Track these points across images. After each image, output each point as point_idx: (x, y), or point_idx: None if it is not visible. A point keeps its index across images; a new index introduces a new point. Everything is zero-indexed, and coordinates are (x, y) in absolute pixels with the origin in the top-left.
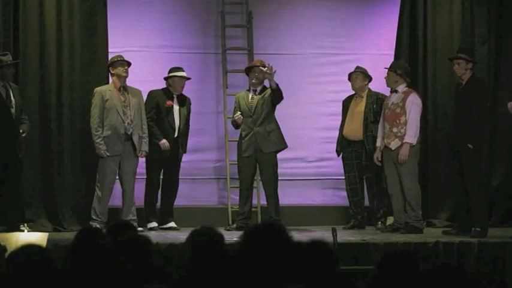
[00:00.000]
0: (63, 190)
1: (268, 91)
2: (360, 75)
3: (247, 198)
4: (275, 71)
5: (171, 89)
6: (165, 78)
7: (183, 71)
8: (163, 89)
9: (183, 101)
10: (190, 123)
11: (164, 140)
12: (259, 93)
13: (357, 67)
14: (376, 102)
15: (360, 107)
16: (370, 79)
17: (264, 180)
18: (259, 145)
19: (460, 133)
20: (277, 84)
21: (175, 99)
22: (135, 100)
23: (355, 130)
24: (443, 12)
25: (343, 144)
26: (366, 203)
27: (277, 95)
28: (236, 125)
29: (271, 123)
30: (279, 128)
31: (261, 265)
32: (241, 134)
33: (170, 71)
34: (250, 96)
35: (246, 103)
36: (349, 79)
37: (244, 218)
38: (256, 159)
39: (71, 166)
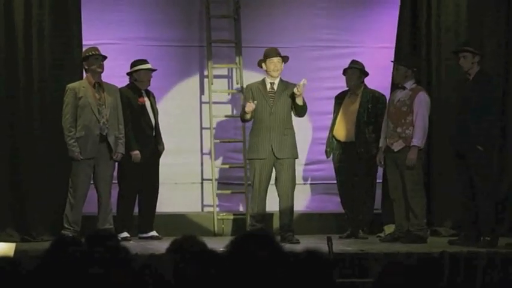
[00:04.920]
0: (32, 196)
1: (290, 90)
2: (356, 72)
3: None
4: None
5: (138, 84)
6: (129, 73)
7: (148, 62)
8: (128, 85)
9: (149, 96)
10: (171, 122)
11: (137, 152)
12: (278, 88)
13: (353, 62)
14: (372, 101)
15: (353, 106)
16: (366, 75)
17: (281, 185)
18: (273, 148)
19: (467, 133)
20: (304, 103)
21: (144, 95)
22: (111, 98)
23: (346, 131)
24: (448, 1)
25: (333, 145)
26: None
27: (302, 111)
28: (245, 118)
29: (290, 126)
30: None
31: (249, 278)
32: (254, 133)
33: (134, 64)
34: (268, 87)
35: (265, 96)
36: (344, 74)
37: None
38: (274, 161)
39: (41, 170)
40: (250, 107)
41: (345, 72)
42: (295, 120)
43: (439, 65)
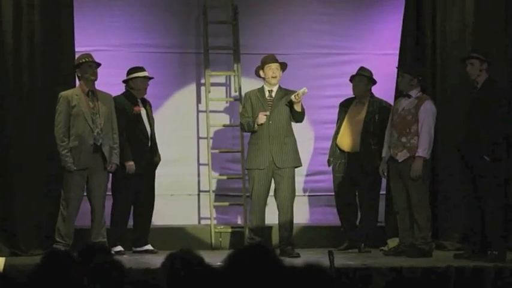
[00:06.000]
0: (22, 208)
1: (289, 97)
2: (363, 79)
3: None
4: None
5: (134, 93)
6: (125, 81)
7: (145, 70)
8: (124, 93)
9: (146, 104)
10: (167, 132)
11: (132, 163)
12: (276, 96)
13: (361, 69)
14: (379, 111)
15: (360, 115)
16: (374, 83)
17: (280, 196)
18: (274, 157)
19: (474, 143)
20: (303, 109)
21: (140, 104)
22: (105, 106)
23: (351, 140)
24: (453, 7)
25: (336, 154)
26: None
27: (300, 117)
28: (254, 130)
29: (290, 134)
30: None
31: None
32: (252, 142)
33: (130, 71)
34: (267, 95)
35: (263, 104)
36: (351, 81)
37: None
38: (273, 172)
39: (32, 181)
40: (263, 119)
41: (352, 79)
42: (295, 130)
43: (445, 72)
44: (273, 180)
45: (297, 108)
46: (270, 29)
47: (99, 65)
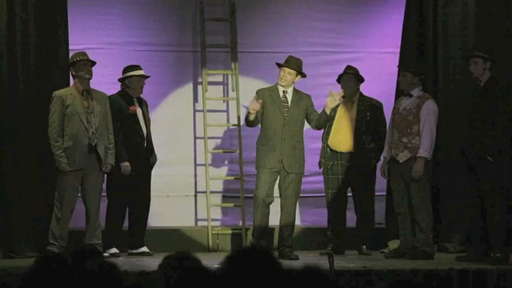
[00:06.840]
0: (15, 210)
1: (305, 102)
2: (352, 78)
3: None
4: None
5: (130, 92)
6: (121, 80)
7: (141, 68)
8: (119, 92)
9: (142, 104)
10: (163, 131)
11: (127, 163)
12: (292, 98)
13: (349, 67)
14: (370, 109)
15: (351, 114)
16: (362, 81)
17: (285, 198)
18: (284, 160)
19: (477, 143)
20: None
21: (136, 103)
22: (100, 106)
23: (344, 140)
24: (455, 4)
25: (328, 155)
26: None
27: (326, 122)
28: (248, 119)
29: (301, 140)
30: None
31: None
32: (262, 142)
33: (126, 70)
34: (281, 95)
35: (278, 105)
36: (339, 81)
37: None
38: (280, 173)
39: (25, 181)
40: (254, 105)
41: (340, 78)
42: None
43: (447, 71)
44: (279, 180)
45: (327, 110)
46: (268, 27)
47: (94, 63)
